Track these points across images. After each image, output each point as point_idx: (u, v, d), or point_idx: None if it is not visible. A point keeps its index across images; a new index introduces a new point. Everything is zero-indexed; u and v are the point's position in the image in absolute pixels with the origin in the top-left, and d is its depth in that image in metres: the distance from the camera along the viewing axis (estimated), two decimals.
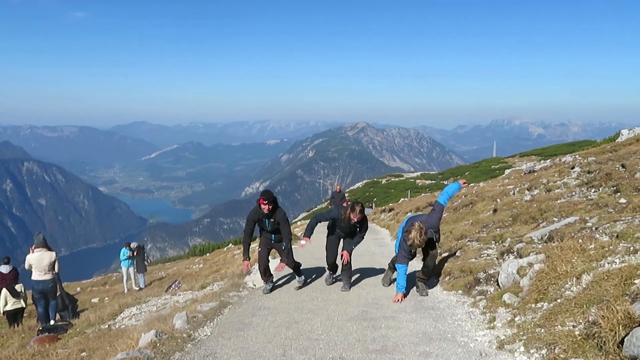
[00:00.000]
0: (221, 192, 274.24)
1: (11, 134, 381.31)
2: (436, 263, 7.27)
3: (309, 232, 7.28)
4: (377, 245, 13.10)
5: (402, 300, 6.53)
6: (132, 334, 5.73)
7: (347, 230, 7.35)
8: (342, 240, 7.61)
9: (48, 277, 10.01)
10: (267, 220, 7.17)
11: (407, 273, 6.66)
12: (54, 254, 10.19)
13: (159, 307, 8.83)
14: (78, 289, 22.27)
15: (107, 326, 8.37)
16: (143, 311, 8.98)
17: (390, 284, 7.48)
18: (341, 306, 6.48)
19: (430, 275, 7.22)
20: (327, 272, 7.89)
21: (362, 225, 7.26)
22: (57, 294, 10.58)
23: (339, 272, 7.86)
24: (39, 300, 10.13)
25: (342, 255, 7.30)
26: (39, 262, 9.88)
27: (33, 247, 10.40)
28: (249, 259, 7.21)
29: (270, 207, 6.98)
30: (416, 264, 8.25)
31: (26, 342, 8.43)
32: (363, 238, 7.40)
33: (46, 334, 8.59)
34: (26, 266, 10.14)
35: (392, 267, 7.49)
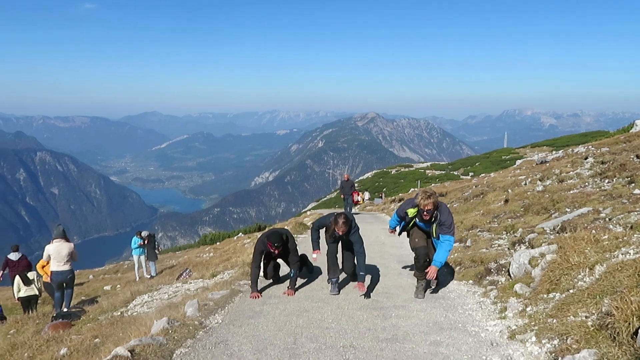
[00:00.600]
0: (231, 182, 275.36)
1: (24, 125, 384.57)
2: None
3: (316, 245, 6.95)
4: (387, 235, 13.06)
5: (394, 234, 6.94)
6: (144, 321, 5.79)
7: (337, 241, 6.80)
8: (340, 249, 7.02)
9: (67, 267, 10.12)
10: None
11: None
12: (72, 244, 10.32)
13: (171, 295, 8.91)
14: (90, 276, 22.55)
15: (119, 313, 8.47)
16: (155, 299, 9.07)
17: (424, 294, 6.34)
18: (351, 295, 6.49)
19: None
20: (330, 283, 6.81)
21: (354, 238, 6.53)
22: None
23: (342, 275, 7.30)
24: (57, 288, 10.22)
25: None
26: (57, 253, 9.97)
27: (53, 239, 10.49)
28: (258, 290, 6.67)
29: (280, 250, 6.65)
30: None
31: (41, 328, 8.57)
32: (364, 255, 6.50)
33: (60, 320, 8.72)
34: (44, 257, 10.20)
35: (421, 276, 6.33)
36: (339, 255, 7.00)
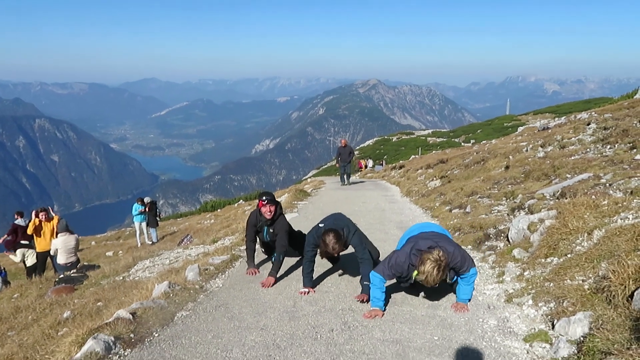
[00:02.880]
0: (231, 150, 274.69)
1: (22, 91, 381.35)
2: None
3: (308, 281, 5.28)
4: (388, 201, 13.11)
5: (379, 316, 4.46)
6: (146, 285, 5.85)
7: (337, 259, 5.91)
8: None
9: (74, 259, 10.31)
10: (266, 228, 6.03)
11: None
12: (77, 236, 10.47)
13: (172, 260, 8.99)
14: (92, 242, 22.76)
15: (121, 278, 8.57)
16: (156, 264, 9.16)
17: None
18: (351, 261, 6.52)
19: None
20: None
21: (354, 242, 5.17)
22: None
23: None
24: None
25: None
26: (65, 245, 10.07)
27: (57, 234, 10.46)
28: (255, 266, 6.14)
29: (273, 208, 5.82)
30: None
31: (44, 292, 8.69)
32: (370, 262, 5.06)
33: (63, 284, 8.83)
34: (52, 251, 10.23)
35: None
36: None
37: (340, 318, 4.44)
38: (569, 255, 4.76)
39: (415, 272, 4.39)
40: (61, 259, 10.08)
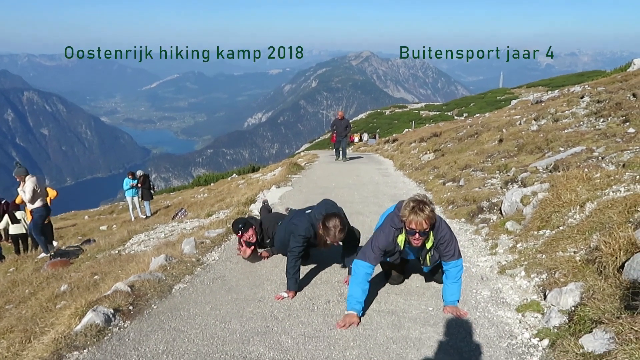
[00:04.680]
0: (224, 123, 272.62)
1: (8, 63, 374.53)
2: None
3: (293, 284, 4.43)
4: (381, 175, 13.15)
5: (355, 324, 3.74)
6: (142, 258, 5.90)
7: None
8: None
9: (44, 202, 9.57)
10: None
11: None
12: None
13: (167, 234, 9.03)
14: (86, 217, 22.75)
15: (117, 252, 8.60)
16: (151, 237, 9.20)
17: None
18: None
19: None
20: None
21: (349, 238, 4.69)
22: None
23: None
24: (42, 228, 9.87)
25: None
26: (40, 184, 9.37)
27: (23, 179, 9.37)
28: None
29: (252, 231, 5.29)
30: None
31: (40, 266, 8.71)
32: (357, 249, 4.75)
33: (58, 258, 8.86)
34: (30, 194, 9.11)
35: None
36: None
37: (336, 290, 4.52)
38: (561, 228, 4.83)
39: (400, 237, 3.94)
40: (39, 202, 9.28)
